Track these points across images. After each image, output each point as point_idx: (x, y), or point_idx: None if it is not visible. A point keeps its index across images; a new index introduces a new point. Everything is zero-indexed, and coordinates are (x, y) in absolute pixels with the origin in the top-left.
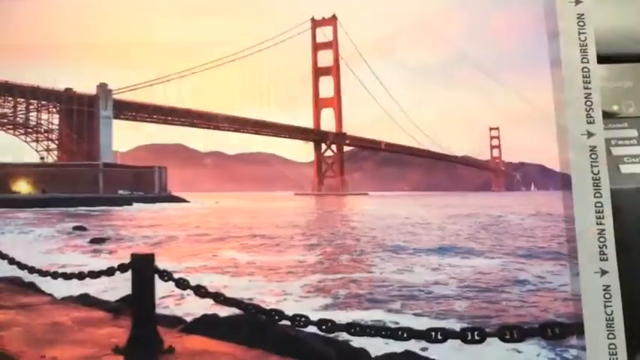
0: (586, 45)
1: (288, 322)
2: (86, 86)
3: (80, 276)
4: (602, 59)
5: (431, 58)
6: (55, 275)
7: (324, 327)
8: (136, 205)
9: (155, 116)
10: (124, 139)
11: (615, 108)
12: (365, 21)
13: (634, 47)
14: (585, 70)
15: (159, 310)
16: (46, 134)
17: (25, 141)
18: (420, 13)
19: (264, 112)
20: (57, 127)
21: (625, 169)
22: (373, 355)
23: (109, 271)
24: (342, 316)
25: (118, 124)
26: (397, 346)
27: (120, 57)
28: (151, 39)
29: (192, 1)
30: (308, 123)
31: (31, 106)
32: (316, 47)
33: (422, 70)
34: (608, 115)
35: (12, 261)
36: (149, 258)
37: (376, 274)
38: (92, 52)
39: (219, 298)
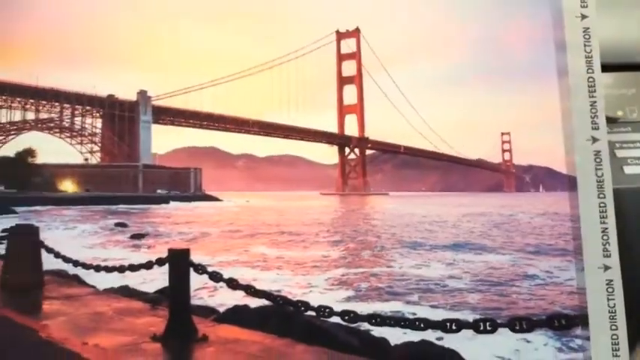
0: (591, 56)
1: (313, 313)
2: (127, 93)
3: (121, 269)
4: (608, 68)
5: (447, 68)
6: (97, 268)
7: (346, 317)
8: (172, 203)
9: (191, 121)
10: (162, 142)
11: (620, 113)
12: (386, 33)
13: (637, 57)
14: (590, 79)
15: (194, 301)
16: (90, 137)
17: (71, 144)
18: (436, 27)
19: (292, 118)
20: (100, 131)
21: (628, 169)
22: (392, 344)
23: (148, 265)
24: (363, 308)
25: (156, 128)
26: (415, 336)
27: (159, 65)
28: (189, 49)
29: (228, 17)
30: (333, 128)
31: (77, 112)
32: (341, 58)
33: (438, 79)
34: (613, 120)
35: (58, 255)
36: (185, 253)
37: (395, 268)
38: (133, 60)
39: (249, 290)
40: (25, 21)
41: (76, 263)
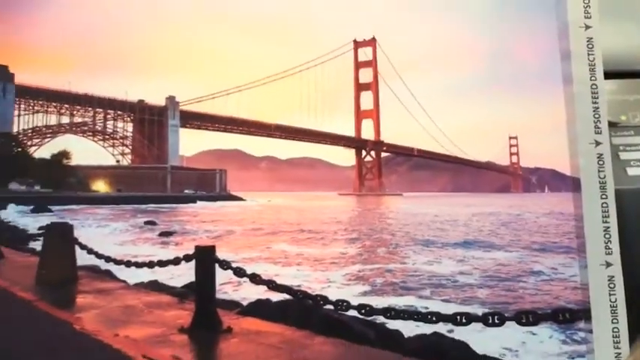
0: (594, 65)
1: (331, 307)
2: (157, 98)
3: (150, 265)
4: (611, 75)
5: (458, 76)
6: (128, 264)
7: (363, 311)
8: (199, 203)
9: (217, 125)
10: (190, 145)
11: (623, 118)
12: (401, 43)
13: (639, 65)
14: (594, 86)
15: (219, 295)
16: (121, 140)
17: (103, 146)
18: (449, 38)
19: (311, 122)
20: (131, 134)
21: (631, 171)
22: (406, 336)
23: (176, 261)
24: (378, 302)
25: (184, 131)
26: (427, 328)
27: (187, 73)
28: (215, 58)
29: (253, 27)
30: (350, 132)
31: (109, 116)
32: (358, 65)
33: (450, 86)
34: (616, 125)
35: (90, 251)
36: (210, 249)
37: (409, 264)
38: (163, 67)
39: (271, 285)
40: (61, 31)
41: (108, 259)
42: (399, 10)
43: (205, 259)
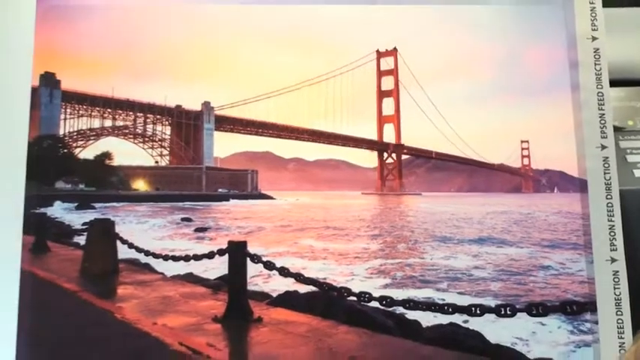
0: (600, 74)
1: (354, 298)
2: (193, 103)
3: (186, 258)
4: (617, 83)
5: (474, 84)
6: (165, 258)
7: (384, 302)
8: (232, 201)
9: (248, 129)
10: (223, 147)
11: (630, 123)
12: (421, 53)
13: None
14: (600, 94)
15: (250, 287)
16: (159, 142)
17: (143, 148)
18: (465, 49)
19: (336, 126)
20: (169, 137)
21: (638, 173)
22: (424, 326)
23: (210, 255)
24: (399, 294)
25: (218, 134)
26: (444, 319)
27: (222, 80)
28: (248, 66)
29: (282, 38)
30: (372, 135)
31: (148, 120)
32: (380, 74)
33: (466, 93)
34: (624, 130)
35: (131, 245)
36: (242, 244)
37: (427, 259)
38: (199, 75)
39: (299, 278)
40: (105, 40)
41: (147, 253)
42: (418, 23)
43: (237, 253)
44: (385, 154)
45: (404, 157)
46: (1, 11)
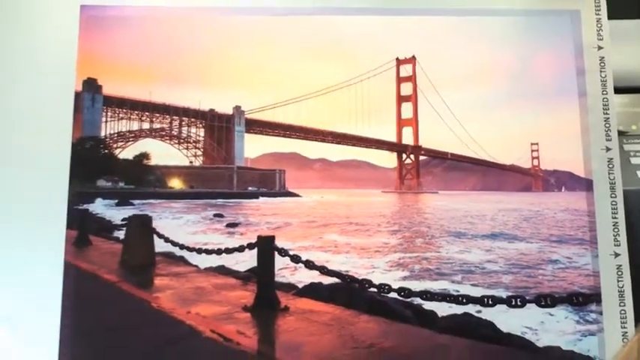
0: (605, 81)
1: (375, 289)
2: (225, 107)
3: (218, 252)
4: (623, 90)
5: (487, 90)
6: (199, 251)
7: (402, 293)
8: (261, 198)
9: (277, 131)
10: (253, 148)
11: (634, 127)
12: (438, 61)
13: None
14: (605, 100)
15: (277, 279)
16: (194, 144)
17: (178, 149)
18: (479, 57)
19: (359, 129)
20: (202, 139)
21: None
22: (440, 315)
23: (240, 249)
24: (416, 285)
25: (248, 136)
26: (458, 309)
27: (252, 85)
28: (277, 73)
29: (307, 47)
30: (392, 138)
31: (183, 123)
32: (400, 80)
33: (480, 98)
34: (627, 133)
35: (167, 239)
36: (271, 239)
37: (443, 253)
38: (230, 81)
39: (323, 270)
40: (144, 48)
41: (181, 247)
42: (435, 33)
43: (266, 247)
44: (404, 155)
45: (421, 157)
46: (47, 21)
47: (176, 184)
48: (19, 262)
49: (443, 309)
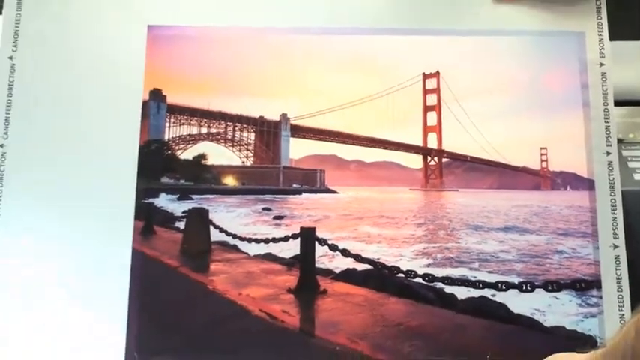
0: (606, 94)
1: (402, 275)
2: (273, 115)
3: (266, 241)
4: (623, 103)
5: (501, 101)
6: (249, 240)
7: (426, 278)
8: (304, 195)
9: (318, 136)
10: (297, 150)
11: (631, 136)
12: (459, 75)
13: None
14: (605, 111)
15: (317, 265)
16: (245, 146)
17: (232, 151)
18: (495, 72)
19: (389, 134)
20: (253, 142)
21: (637, 176)
22: (459, 299)
23: (285, 238)
24: (439, 272)
25: (293, 140)
26: (475, 293)
27: (296, 96)
28: (317, 84)
29: (345, 61)
30: (418, 142)
31: (236, 128)
32: (425, 92)
33: (495, 108)
34: (625, 141)
35: (221, 230)
36: (312, 230)
37: (462, 244)
38: (278, 92)
39: (357, 258)
40: (203, 62)
41: (234, 236)
42: (457, 51)
43: (308, 237)
44: (429, 158)
45: (444, 160)
46: (118, 39)
47: (230, 181)
48: (93, 250)
49: (462, 292)
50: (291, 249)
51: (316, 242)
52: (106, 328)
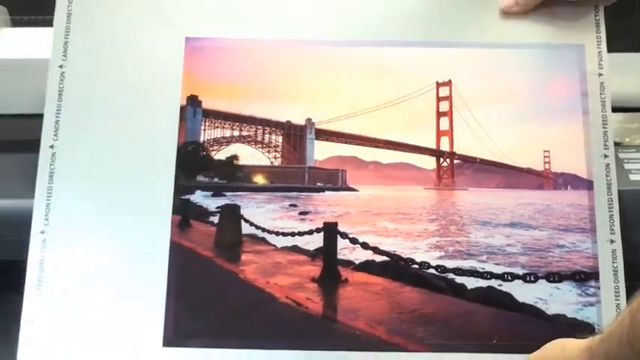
0: (605, 101)
1: (417, 266)
2: (299, 119)
3: (292, 234)
4: (620, 109)
5: (508, 107)
6: (277, 233)
7: (439, 269)
8: (327, 192)
9: (339, 138)
10: (321, 152)
11: (627, 140)
12: (469, 84)
13: (639, 102)
14: (604, 117)
15: (339, 257)
16: (274, 148)
17: (262, 152)
18: (502, 81)
19: (405, 138)
20: (281, 144)
21: (632, 177)
22: (469, 288)
23: (310, 232)
24: (450, 263)
25: (317, 143)
26: (483, 283)
27: (320, 102)
28: (339, 91)
29: (364, 72)
30: (432, 145)
31: (266, 131)
32: (438, 99)
33: (502, 114)
34: (622, 144)
35: (251, 224)
36: (334, 224)
37: (471, 238)
38: (304, 98)
39: (375, 250)
40: (234, 71)
41: (263, 229)
42: (468, 62)
43: (330, 231)
44: (441, 159)
45: (455, 161)
46: (158, 50)
47: (259, 179)
48: (134, 241)
49: (471, 283)
50: (315, 242)
51: (338, 236)
52: (146, 312)
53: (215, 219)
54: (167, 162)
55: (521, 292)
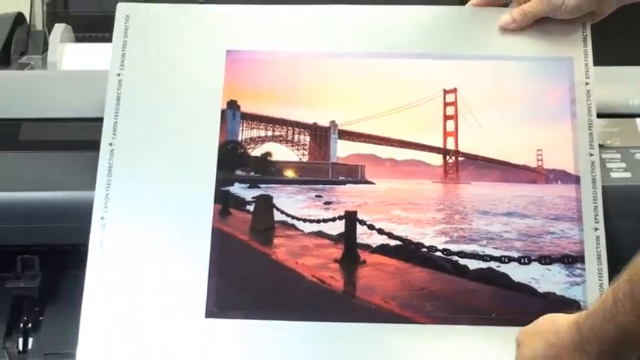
0: (591, 107)
1: (426, 250)
2: (324, 121)
3: (317, 221)
4: (604, 115)
5: (506, 112)
6: (304, 220)
7: (445, 252)
8: (348, 185)
9: (359, 138)
10: (343, 150)
11: (609, 142)
12: (473, 91)
13: (620, 109)
14: (590, 121)
15: (358, 241)
16: (302, 146)
17: (292, 150)
18: (501, 88)
19: (416, 137)
20: (308, 143)
21: (613, 175)
22: (471, 269)
23: (333, 219)
24: (454, 247)
25: (340, 142)
26: (484, 265)
27: (342, 106)
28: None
29: (380, 80)
30: (439, 144)
31: (295, 132)
32: (445, 104)
33: (501, 117)
34: (604, 146)
35: (282, 212)
36: (354, 212)
37: (473, 225)
38: (327, 102)
39: (390, 235)
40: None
41: (292, 217)
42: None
43: (351, 218)
44: (447, 157)
45: (460, 158)
46: (202, 61)
47: (289, 174)
48: (181, 227)
49: (473, 264)
50: (337, 228)
51: (357, 223)
52: (191, 287)
53: (251, 208)
54: (210, 158)
55: (517, 273)
